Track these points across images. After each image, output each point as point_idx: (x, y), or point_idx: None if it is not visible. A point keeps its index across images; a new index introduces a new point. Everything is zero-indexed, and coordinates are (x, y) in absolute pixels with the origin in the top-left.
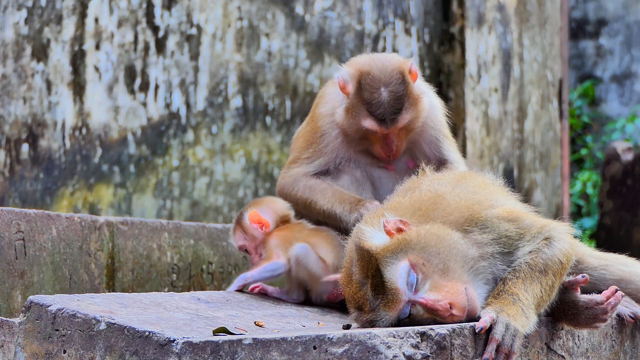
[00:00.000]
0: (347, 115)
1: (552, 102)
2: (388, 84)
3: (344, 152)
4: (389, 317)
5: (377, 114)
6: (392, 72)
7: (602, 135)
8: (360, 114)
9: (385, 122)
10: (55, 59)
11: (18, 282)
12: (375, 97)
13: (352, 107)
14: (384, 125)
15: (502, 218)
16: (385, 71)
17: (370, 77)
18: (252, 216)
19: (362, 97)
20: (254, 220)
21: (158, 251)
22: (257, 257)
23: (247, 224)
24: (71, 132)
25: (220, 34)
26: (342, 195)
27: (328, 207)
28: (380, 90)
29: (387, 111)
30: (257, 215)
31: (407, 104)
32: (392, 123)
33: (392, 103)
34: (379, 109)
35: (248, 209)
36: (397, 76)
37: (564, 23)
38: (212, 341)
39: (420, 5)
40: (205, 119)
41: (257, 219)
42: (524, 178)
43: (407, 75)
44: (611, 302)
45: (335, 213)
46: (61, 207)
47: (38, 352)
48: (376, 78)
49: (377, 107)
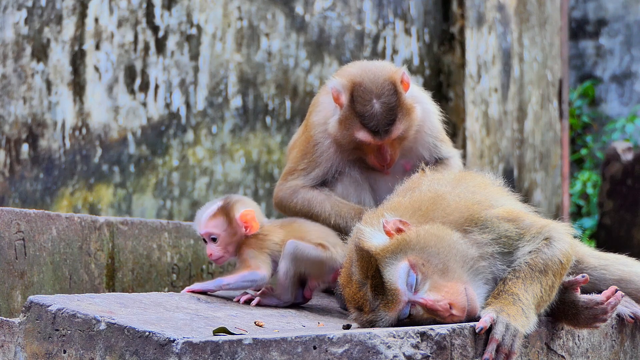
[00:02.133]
0: (341, 126)
1: (552, 102)
2: (380, 95)
3: (339, 160)
4: (389, 318)
5: (371, 126)
6: (383, 83)
7: (602, 135)
8: (354, 125)
9: (379, 134)
10: (55, 59)
11: (18, 282)
12: (367, 109)
13: (345, 118)
14: (378, 137)
15: (502, 218)
16: (376, 82)
17: (362, 89)
18: (246, 214)
19: (354, 109)
20: (246, 220)
21: (158, 251)
22: (221, 252)
23: (236, 217)
24: (71, 132)
25: (220, 34)
26: (340, 207)
27: (330, 221)
28: (372, 102)
29: (380, 123)
30: (252, 216)
31: (400, 115)
32: (385, 134)
33: (385, 114)
34: (372, 121)
35: (240, 204)
36: (389, 87)
37: (564, 23)
38: (212, 341)
39: (420, 5)
40: (205, 119)
41: (251, 219)
42: (524, 178)
43: (399, 85)
44: (611, 302)
45: (338, 225)
46: (61, 207)
47: (38, 352)
48: (368, 90)
49: (370, 119)
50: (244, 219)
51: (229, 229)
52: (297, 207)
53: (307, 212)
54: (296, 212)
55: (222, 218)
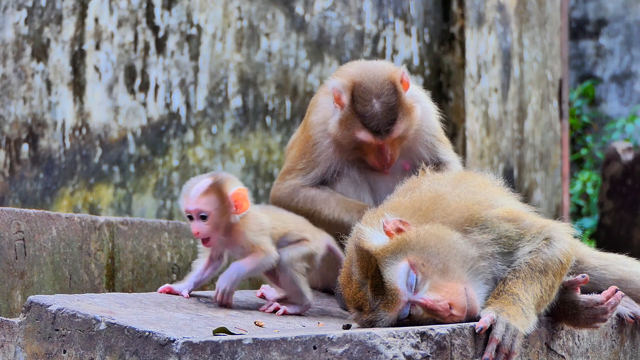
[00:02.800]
0: (341, 126)
1: (552, 102)
2: (380, 95)
3: (337, 160)
4: (389, 318)
5: (372, 126)
6: (383, 83)
7: (602, 135)
8: (354, 125)
9: (380, 134)
10: (55, 59)
11: (18, 282)
12: (368, 109)
13: (345, 118)
14: (379, 137)
15: (502, 218)
16: (376, 82)
17: (362, 89)
18: (238, 193)
19: (355, 109)
20: (238, 199)
21: (158, 251)
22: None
23: (228, 195)
24: (71, 132)
25: (220, 34)
26: (346, 203)
27: (334, 216)
28: (372, 102)
29: (381, 123)
30: (244, 195)
31: (400, 114)
32: (386, 134)
33: (386, 114)
34: (372, 121)
35: (231, 182)
36: (389, 87)
37: (564, 23)
38: (212, 341)
39: (420, 5)
40: (205, 119)
41: (242, 198)
42: (524, 178)
43: (399, 84)
44: (611, 302)
45: (343, 221)
46: (61, 207)
47: (38, 352)
48: (368, 90)
49: (371, 119)
50: (235, 198)
51: (221, 207)
52: (299, 205)
53: (309, 209)
54: (298, 210)
55: (214, 195)
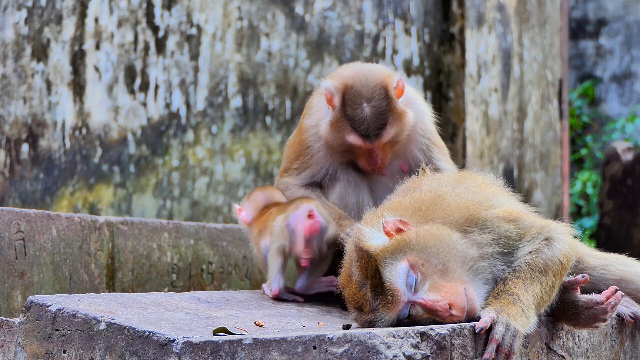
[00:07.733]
0: (332, 128)
1: (552, 102)
2: (370, 99)
3: (329, 163)
4: (389, 318)
5: (361, 130)
6: (374, 87)
7: (602, 135)
8: (345, 128)
9: (370, 138)
10: (55, 59)
11: (18, 282)
12: (357, 113)
13: (336, 121)
14: (368, 141)
15: (502, 218)
16: (368, 86)
17: (353, 92)
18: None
19: (345, 112)
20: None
21: (158, 251)
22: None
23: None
24: (71, 132)
25: (220, 34)
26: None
27: None
28: (362, 105)
29: (370, 127)
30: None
31: (390, 119)
32: (376, 138)
33: (375, 119)
34: (362, 125)
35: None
36: (380, 91)
37: (564, 23)
38: (212, 341)
39: (420, 5)
40: (205, 119)
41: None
42: (524, 178)
43: (391, 89)
44: (611, 302)
45: None
46: (61, 207)
47: (38, 352)
48: (359, 93)
49: (360, 122)
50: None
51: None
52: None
53: None
54: None
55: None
